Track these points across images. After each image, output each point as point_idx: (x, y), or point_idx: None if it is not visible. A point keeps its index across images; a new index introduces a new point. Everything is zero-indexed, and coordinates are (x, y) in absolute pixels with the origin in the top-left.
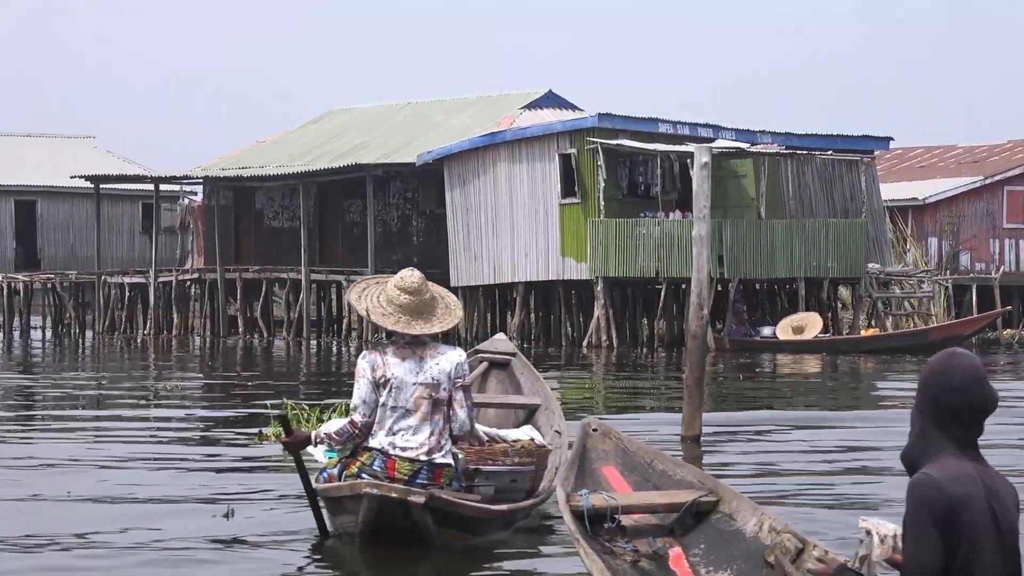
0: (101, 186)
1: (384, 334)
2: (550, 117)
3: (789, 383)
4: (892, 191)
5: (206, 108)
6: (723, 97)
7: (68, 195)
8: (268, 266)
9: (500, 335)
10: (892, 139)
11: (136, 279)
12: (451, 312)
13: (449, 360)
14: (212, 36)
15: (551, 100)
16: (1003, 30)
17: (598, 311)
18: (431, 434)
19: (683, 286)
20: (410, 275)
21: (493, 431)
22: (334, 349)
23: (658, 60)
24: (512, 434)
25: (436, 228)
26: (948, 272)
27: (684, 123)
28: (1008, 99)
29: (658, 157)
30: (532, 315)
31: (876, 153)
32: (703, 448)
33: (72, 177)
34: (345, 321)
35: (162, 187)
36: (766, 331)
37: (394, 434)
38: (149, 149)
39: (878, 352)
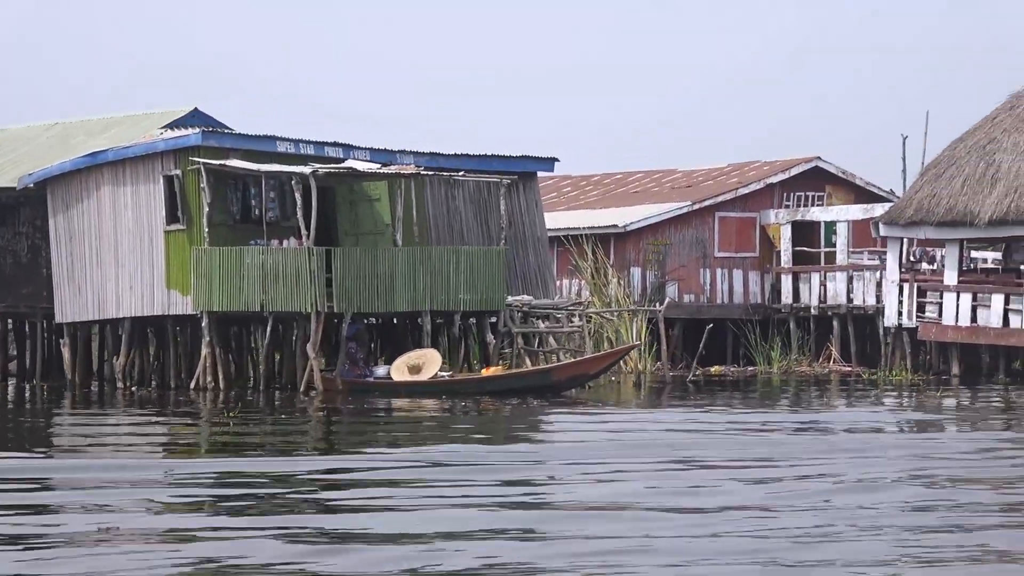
0: None
1: None
2: None
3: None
4: (598, 217)
5: None
6: (390, 115)
7: None
8: None
9: None
10: (557, 160)
11: None
12: None
13: None
14: None
15: (197, 119)
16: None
17: (204, 349)
18: None
19: (294, 322)
20: None
21: None
22: None
23: (321, 76)
24: None
25: None
26: (655, 305)
27: (309, 142)
28: (741, 120)
29: (262, 179)
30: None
31: (540, 175)
32: None
33: None
34: None
35: None
36: (380, 371)
37: None
38: None
39: (500, 393)
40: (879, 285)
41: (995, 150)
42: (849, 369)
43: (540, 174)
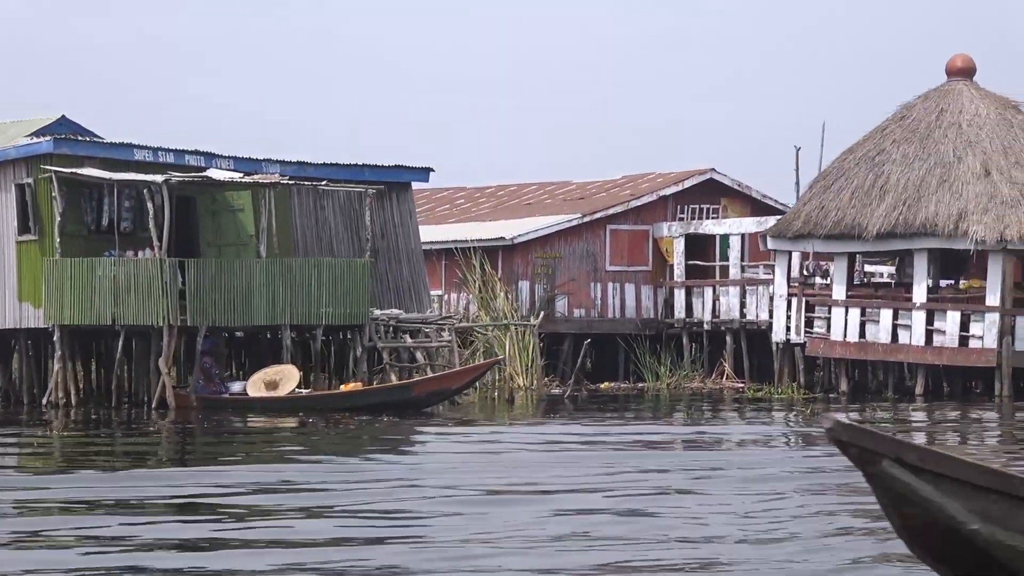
0: None
1: None
2: None
3: None
4: (487, 229)
5: None
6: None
7: None
8: None
9: None
10: (432, 170)
11: None
12: None
13: None
14: None
15: (64, 126)
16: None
17: (56, 364)
18: None
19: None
20: None
21: None
22: None
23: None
24: None
25: None
26: (542, 319)
27: (168, 150)
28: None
29: (115, 187)
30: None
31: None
32: None
33: None
34: None
35: None
36: (236, 387)
37: None
38: None
39: (360, 410)
40: (772, 300)
41: (884, 161)
42: (741, 385)
43: (432, 185)
